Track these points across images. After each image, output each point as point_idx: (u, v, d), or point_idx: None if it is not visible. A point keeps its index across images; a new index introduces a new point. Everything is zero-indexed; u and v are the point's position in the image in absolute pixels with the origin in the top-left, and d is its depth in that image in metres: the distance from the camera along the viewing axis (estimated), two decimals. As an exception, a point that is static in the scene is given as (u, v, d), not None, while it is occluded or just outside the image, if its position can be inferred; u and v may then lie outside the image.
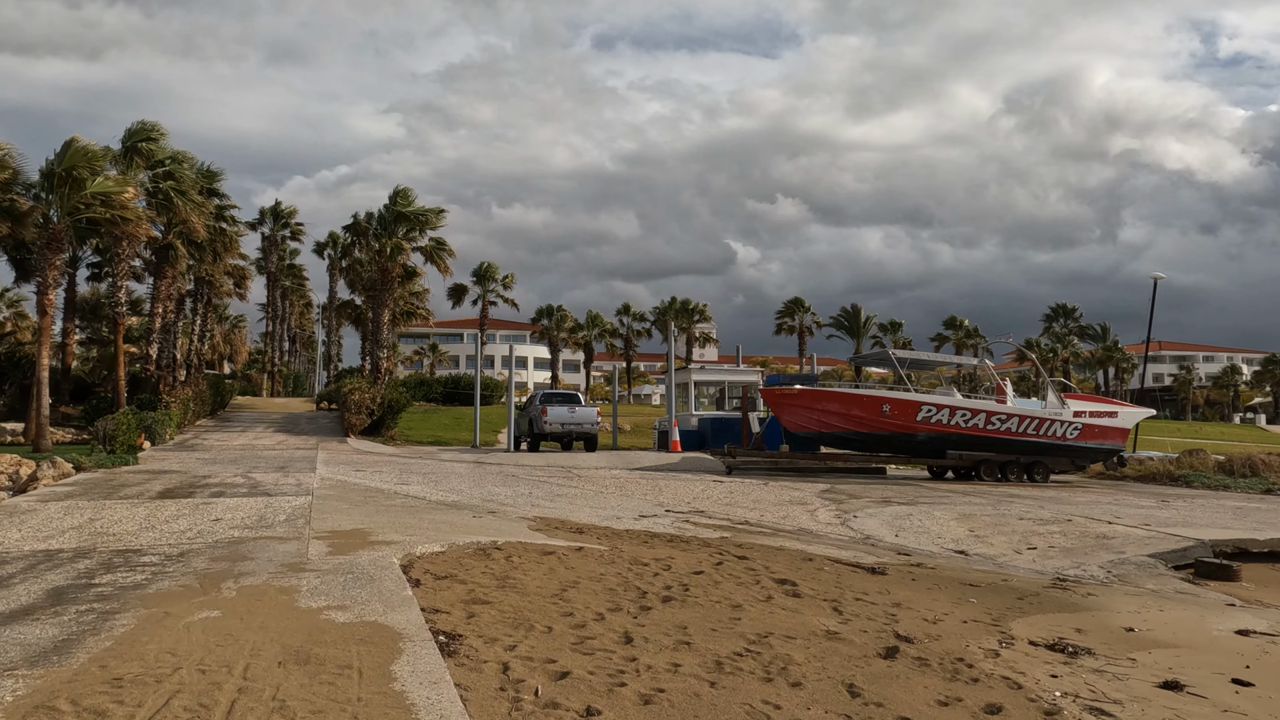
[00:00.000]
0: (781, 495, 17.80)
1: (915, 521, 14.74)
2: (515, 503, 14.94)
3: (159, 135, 25.96)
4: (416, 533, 10.39)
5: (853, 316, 69.27)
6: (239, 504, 12.45)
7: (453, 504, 14.23)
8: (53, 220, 20.35)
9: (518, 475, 19.53)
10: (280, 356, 68.91)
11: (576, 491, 17.04)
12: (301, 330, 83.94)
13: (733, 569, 9.79)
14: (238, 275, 38.95)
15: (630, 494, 17.09)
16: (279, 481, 15.94)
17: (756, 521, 14.31)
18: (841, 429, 22.89)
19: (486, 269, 53.55)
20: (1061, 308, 79.86)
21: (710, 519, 14.27)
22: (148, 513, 11.49)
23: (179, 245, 28.57)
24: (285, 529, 10.25)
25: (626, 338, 64.98)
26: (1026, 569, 11.47)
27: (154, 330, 28.96)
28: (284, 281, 65.66)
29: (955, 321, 65.23)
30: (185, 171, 26.51)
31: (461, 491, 16.10)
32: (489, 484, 17.49)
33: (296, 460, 20.85)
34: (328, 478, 17.17)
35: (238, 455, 21.91)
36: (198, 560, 8.23)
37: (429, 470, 19.89)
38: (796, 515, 15.18)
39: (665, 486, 18.53)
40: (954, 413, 22.66)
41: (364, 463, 21.24)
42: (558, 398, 26.73)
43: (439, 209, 33.37)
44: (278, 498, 13.40)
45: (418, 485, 16.74)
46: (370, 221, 33.04)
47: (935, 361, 24.64)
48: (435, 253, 33.68)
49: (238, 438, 27.16)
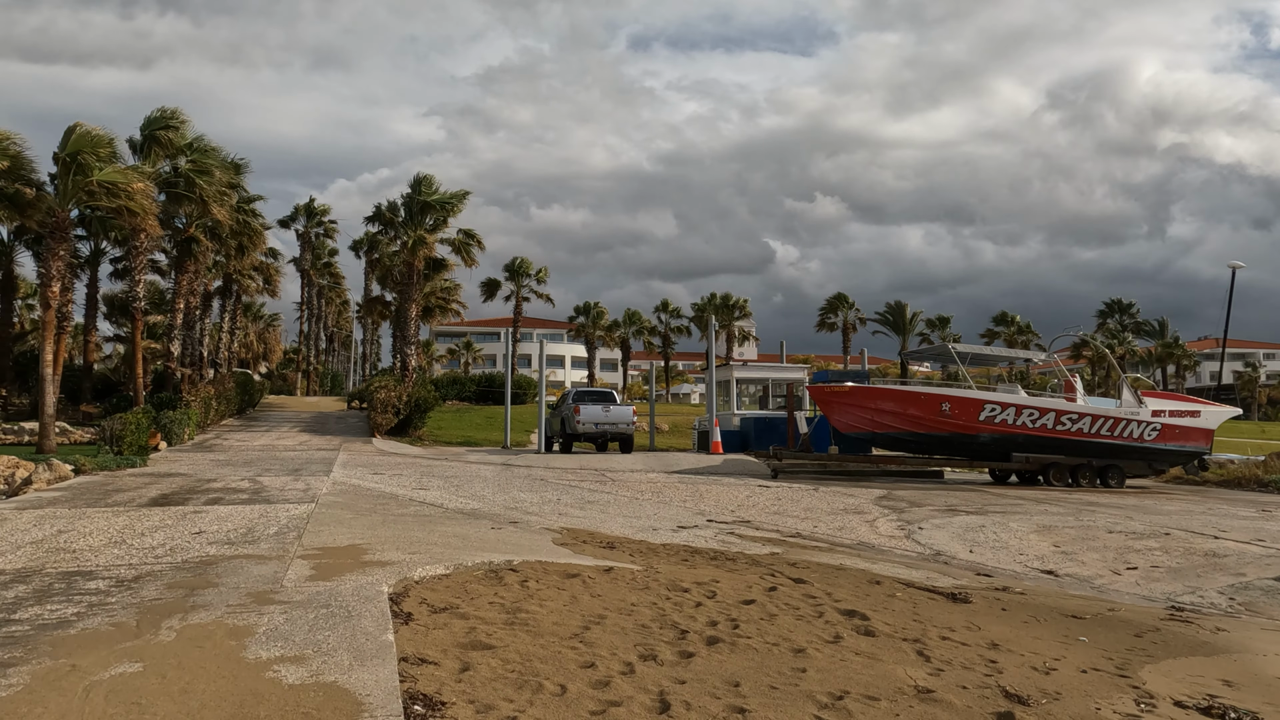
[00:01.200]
0: (834, 502, 16.20)
1: (990, 534, 13.08)
2: (541, 511, 13.54)
3: (179, 123, 24.99)
4: (421, 550, 9.01)
5: (897, 313, 67.03)
6: (231, 513, 11.19)
7: (471, 512, 12.87)
8: (56, 208, 19.37)
9: (546, 479, 18.15)
10: (316, 355, 68.50)
11: (609, 498, 15.60)
12: (339, 329, 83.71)
13: (789, 596, 8.27)
14: (266, 272, 38.11)
15: (668, 501, 15.62)
16: (286, 486, 14.71)
17: (810, 534, 12.76)
18: (896, 429, 21.19)
19: (520, 264, 52.23)
20: (1117, 303, 76.80)
21: (758, 531, 12.75)
22: (126, 523, 10.26)
23: (201, 238, 27.65)
24: (270, 545, 8.93)
25: (665, 335, 63.43)
26: (1132, 595, 9.80)
27: (175, 326, 28.05)
28: (319, 280, 65.16)
29: (1006, 318, 62.73)
30: (207, 160, 25.55)
31: (483, 498, 14.75)
32: (514, 489, 16.13)
33: (314, 462, 19.68)
34: (341, 482, 15.92)
35: (254, 457, 20.81)
36: (151, 587, 6.92)
37: (452, 473, 18.59)
38: (854, 526, 13.59)
39: (706, 492, 17.03)
40: (1020, 412, 20.84)
41: (384, 465, 20.01)
42: (592, 396, 25.31)
43: (463, 192, 32.04)
44: (278, 505, 12.13)
45: (436, 490, 15.42)
46: (394, 211, 31.86)
47: (999, 356, 22.82)
48: (463, 245, 32.38)
49: (260, 438, 26.15)
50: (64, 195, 19.53)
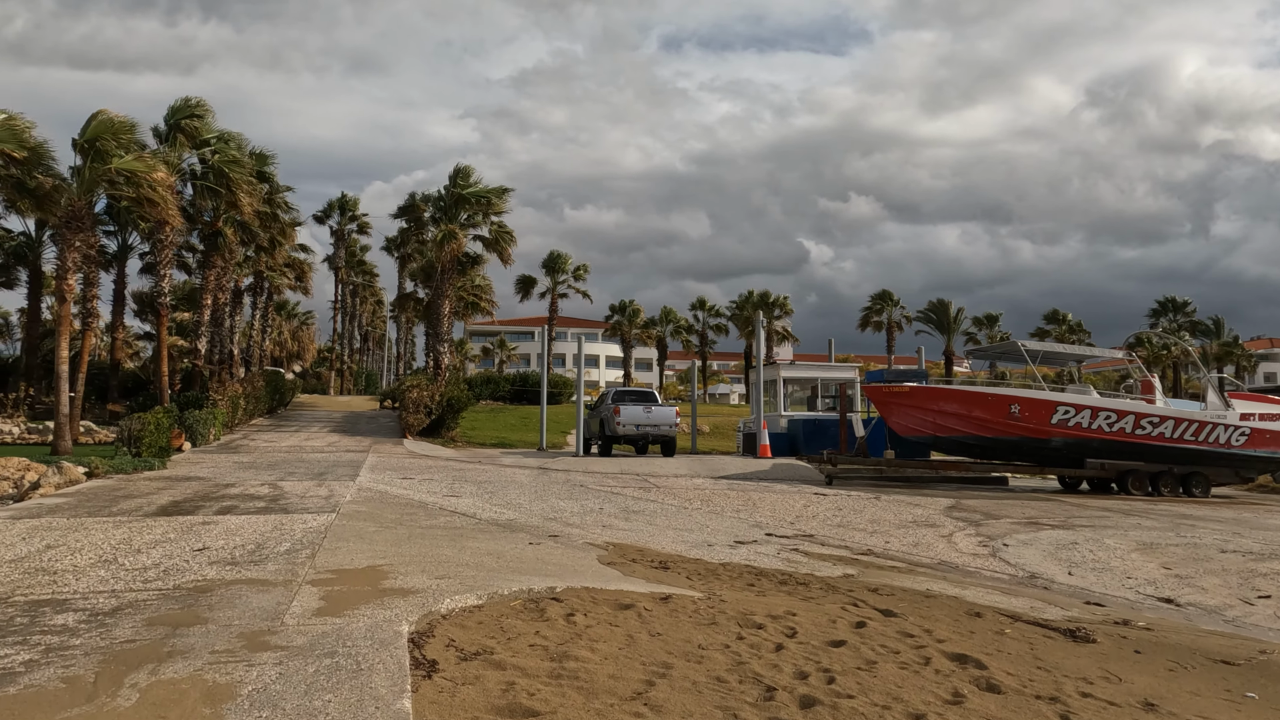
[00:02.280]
0: (901, 513, 14.83)
1: (1085, 552, 11.64)
2: (583, 522, 12.34)
3: (204, 112, 24.17)
4: (450, 572, 7.83)
5: (941, 311, 64.97)
6: (242, 525, 10.11)
7: (506, 523, 11.70)
8: (74, 197, 18.54)
9: (586, 485, 16.96)
10: (350, 354, 68.04)
11: (656, 507, 14.36)
12: (373, 328, 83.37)
13: (882, 634, 6.97)
14: (299, 268, 37.33)
15: (720, 510, 14.34)
16: (307, 493, 13.64)
17: (882, 551, 11.43)
18: (961, 432, 19.71)
19: (556, 259, 51.08)
20: (1170, 301, 73.93)
21: (823, 547, 11.44)
22: (124, 537, 9.20)
23: (229, 231, 26.83)
24: (278, 566, 7.80)
25: (702, 334, 62.02)
26: (1277, 630, 8.37)
27: (203, 323, 27.25)
28: (353, 278, 64.65)
29: (1058, 315, 60.49)
30: (233, 151, 24.71)
31: (520, 506, 13.58)
32: (553, 496, 14.95)
33: (341, 465, 18.67)
34: (367, 488, 14.84)
35: (280, 459, 19.86)
36: (128, 623, 5.79)
37: (486, 478, 17.47)
38: (930, 542, 12.22)
39: (760, 501, 15.73)
40: (1096, 414, 19.27)
41: (415, 468, 18.95)
42: (632, 396, 24.08)
43: (502, 189, 30.88)
44: (295, 516, 11.04)
45: (469, 498, 14.29)
46: (427, 204, 30.81)
47: (1074, 355, 21.23)
48: (498, 239, 31.21)
49: (288, 438, 25.27)
50: (83, 184, 18.70)
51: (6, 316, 54.69)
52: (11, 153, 17.80)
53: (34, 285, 30.26)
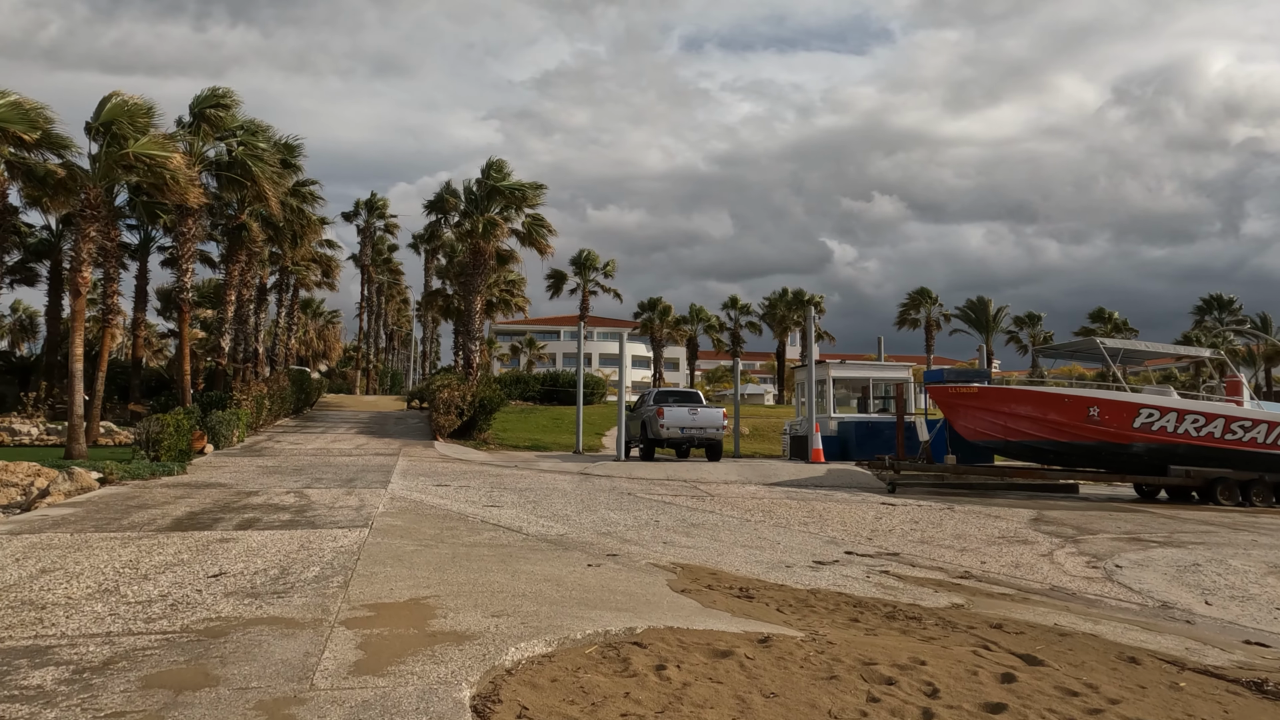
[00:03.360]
0: (984, 527, 13.47)
1: (1213, 576, 10.26)
2: (640, 537, 11.11)
3: (231, 102, 23.19)
4: (508, 606, 6.62)
5: (980, 310, 63.16)
6: (265, 543, 8.96)
7: (557, 540, 10.49)
8: (89, 185, 17.54)
9: (634, 493, 15.73)
10: (376, 354, 67.25)
11: (716, 518, 13.10)
12: (399, 328, 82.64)
13: (1038, 689, 5.68)
14: (325, 263, 36.36)
15: (785, 523, 13.06)
16: (336, 502, 12.51)
17: (981, 572, 10.11)
18: (1034, 437, 18.29)
19: (587, 257, 49.86)
20: (1216, 299, 71.60)
21: (915, 567, 10.14)
22: (131, 558, 8.08)
23: (252, 225, 25.85)
24: (306, 598, 6.63)
25: (734, 333, 60.58)
26: None
27: (226, 320, 26.30)
28: (379, 276, 63.85)
29: (1104, 314, 58.40)
30: (259, 142, 23.71)
31: (568, 518, 12.37)
32: (601, 506, 13.72)
33: (370, 470, 17.56)
34: (400, 496, 13.69)
35: (306, 462, 18.79)
36: (120, 683, 4.62)
37: (526, 484, 16.29)
38: (1030, 561, 10.88)
39: (825, 512, 14.42)
40: (1182, 418, 17.79)
41: (449, 473, 17.80)
42: (675, 397, 22.80)
43: (537, 184, 29.67)
44: (324, 530, 9.89)
45: (511, 508, 13.10)
46: (458, 197, 29.70)
47: (1158, 353, 19.74)
48: (533, 230, 30.02)
49: (315, 440, 24.24)
50: (99, 170, 17.71)
51: (33, 315, 54.31)
52: (21, 134, 16.85)
53: (55, 282, 29.50)
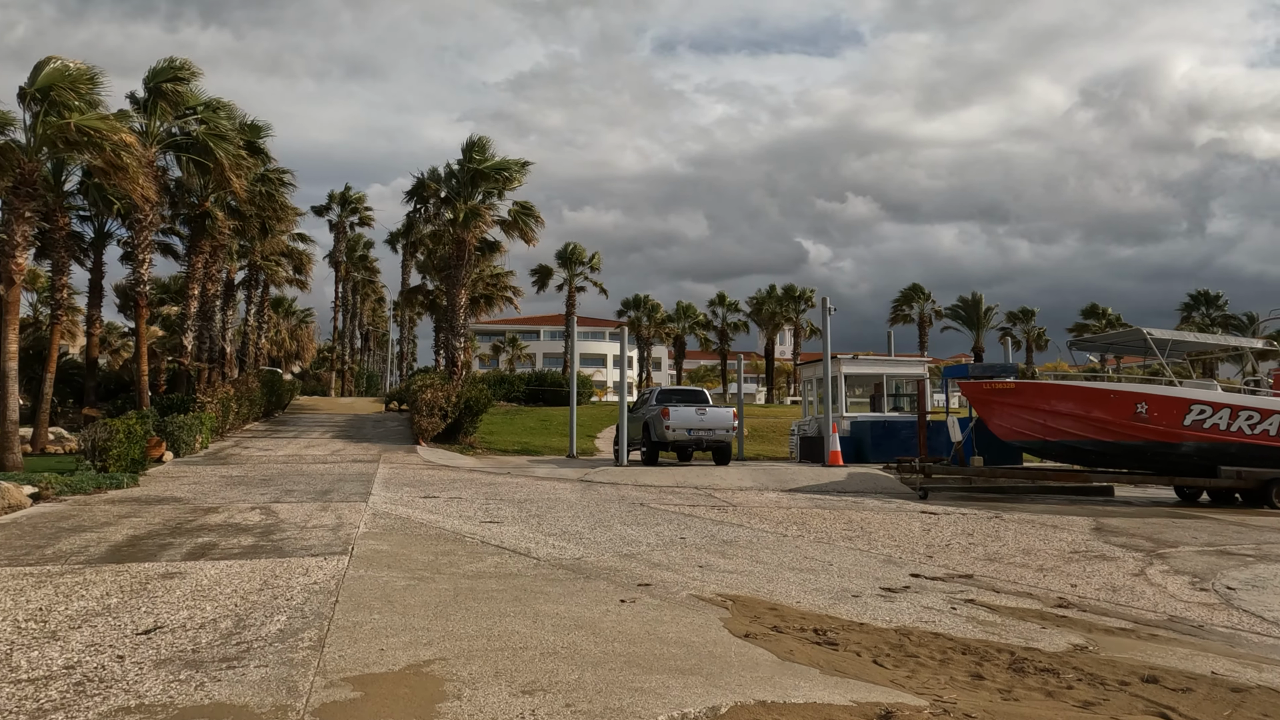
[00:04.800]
0: (1048, 540, 11.92)
1: (1346, 600, 8.72)
2: (669, 560, 9.43)
3: (190, 75, 21.15)
4: (541, 675, 4.92)
5: (972, 307, 62.17)
6: (221, 578, 7.21)
7: (574, 565, 8.80)
8: (23, 158, 15.57)
9: (647, 503, 14.04)
10: (351, 354, 65.04)
11: (748, 534, 11.45)
12: (375, 327, 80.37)
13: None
14: (296, 258, 34.31)
15: (827, 538, 11.43)
16: (309, 520, 10.73)
17: (1076, 598, 8.51)
18: (1076, 436, 16.81)
19: (573, 250, 47.98)
20: (1203, 295, 71.30)
21: (999, 594, 8.54)
22: (44, 604, 6.30)
23: (217, 213, 23.87)
24: (267, 669, 4.89)
25: (721, 331, 59.01)
26: None
27: (189, 316, 24.24)
28: (355, 274, 61.66)
29: (1098, 310, 57.49)
30: (221, 120, 21.75)
31: (580, 536, 10.67)
32: (615, 521, 12.03)
33: (348, 480, 15.75)
34: (384, 511, 11.92)
35: (276, 471, 16.95)
36: None
37: (524, 495, 14.56)
38: (1126, 583, 9.30)
39: (864, 523, 12.82)
40: (1236, 414, 16.38)
41: (436, 482, 16.03)
42: (681, 396, 21.09)
43: (522, 161, 27.74)
44: (294, 559, 8.14)
45: (513, 524, 11.38)
46: (439, 182, 27.76)
47: (1210, 345, 18.38)
48: (520, 218, 28.07)
49: (286, 446, 22.35)
50: (33, 141, 15.72)
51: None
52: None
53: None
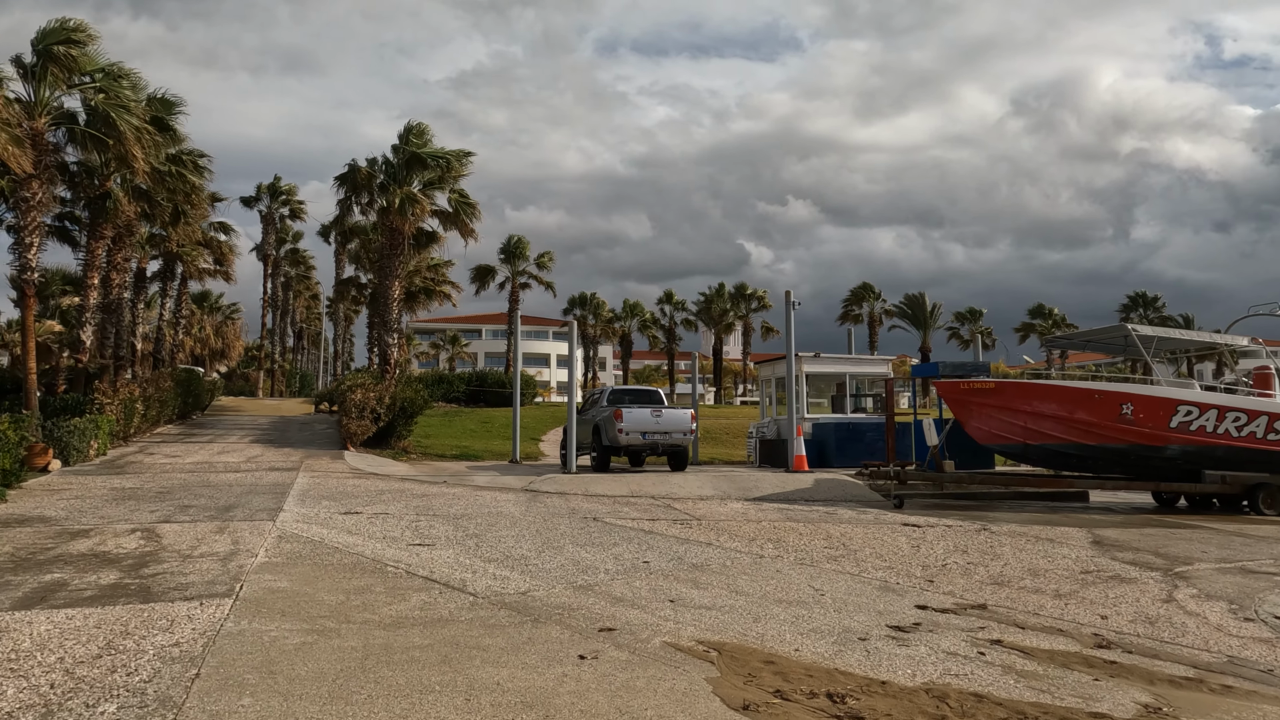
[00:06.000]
0: (1050, 557, 10.70)
1: None
2: (634, 592, 7.91)
3: (86, 39, 18.83)
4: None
5: (917, 305, 62.06)
6: (49, 638, 5.46)
7: (520, 603, 7.21)
8: None
9: (600, 517, 12.49)
10: (282, 353, 62.15)
11: (718, 555, 9.97)
12: (308, 325, 77.27)
13: None
14: (217, 249, 31.89)
15: (808, 558, 10.01)
16: (199, 546, 8.95)
17: (1114, 635, 7.21)
18: (1058, 439, 15.74)
19: (516, 244, 46.00)
20: (1141, 296, 72.52)
21: (1023, 629, 7.20)
22: None
23: (120, 195, 21.60)
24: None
25: (669, 330, 57.63)
26: None
27: (88, 309, 21.87)
28: (286, 269, 58.86)
29: (1044, 310, 57.66)
30: (124, 90, 19.53)
31: (526, 562, 9.08)
32: (566, 540, 10.45)
33: (259, 491, 13.88)
34: (293, 533, 10.16)
35: (178, 482, 14.98)
36: None
37: (462, 509, 12.88)
38: (1161, 613, 8.05)
39: (843, 539, 11.46)
40: (1223, 416, 15.48)
41: (361, 494, 14.24)
42: (634, 397, 19.53)
43: (464, 151, 25.90)
44: (160, 605, 6.41)
45: (447, 547, 9.73)
46: (374, 168, 25.78)
47: (1196, 341, 17.53)
48: (460, 208, 26.15)
49: (198, 452, 20.25)
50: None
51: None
52: None
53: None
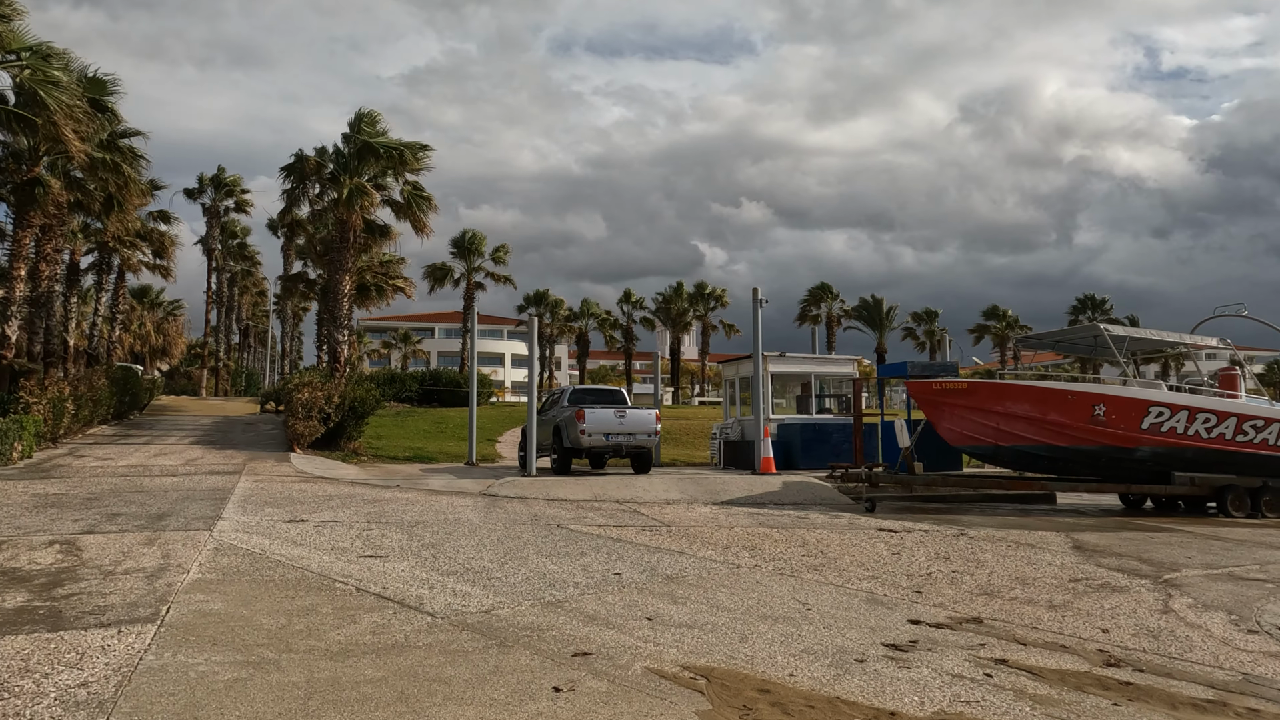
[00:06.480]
0: (1035, 564, 10.30)
1: None
2: (607, 609, 7.27)
3: (11, 13, 17.65)
4: None
5: (874, 307, 62.28)
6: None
7: (483, 624, 6.53)
8: None
9: (564, 524, 11.82)
10: (228, 351, 60.25)
11: (693, 565, 9.37)
12: (255, 323, 75.20)
13: None
14: (157, 242, 30.48)
15: (788, 568, 9.46)
16: (124, 561, 8.10)
17: (1120, 651, 6.76)
18: (1030, 441, 15.45)
19: (472, 239, 44.91)
20: (1089, 299, 73.87)
21: (1024, 646, 6.71)
22: None
23: (51, 181, 20.35)
24: None
25: (627, 329, 56.98)
26: None
27: (13, 301, 20.55)
28: (232, 264, 57.07)
29: (998, 311, 58.17)
30: (54, 70, 18.31)
31: (488, 575, 8.38)
32: (530, 550, 9.77)
33: (197, 497, 12.96)
34: (231, 545, 9.33)
35: (108, 487, 13.97)
36: None
37: (416, 515, 12.12)
38: (1163, 625, 7.65)
39: (820, 545, 10.94)
40: (1194, 417, 15.32)
41: (308, 500, 13.38)
42: (596, 396, 18.83)
43: (419, 144, 24.83)
44: (69, 635, 5.61)
45: (401, 559, 8.99)
46: (324, 158, 24.71)
47: (1167, 342, 17.39)
48: (413, 200, 25.13)
49: (133, 454, 19.12)
50: None
51: None
52: None
53: None
